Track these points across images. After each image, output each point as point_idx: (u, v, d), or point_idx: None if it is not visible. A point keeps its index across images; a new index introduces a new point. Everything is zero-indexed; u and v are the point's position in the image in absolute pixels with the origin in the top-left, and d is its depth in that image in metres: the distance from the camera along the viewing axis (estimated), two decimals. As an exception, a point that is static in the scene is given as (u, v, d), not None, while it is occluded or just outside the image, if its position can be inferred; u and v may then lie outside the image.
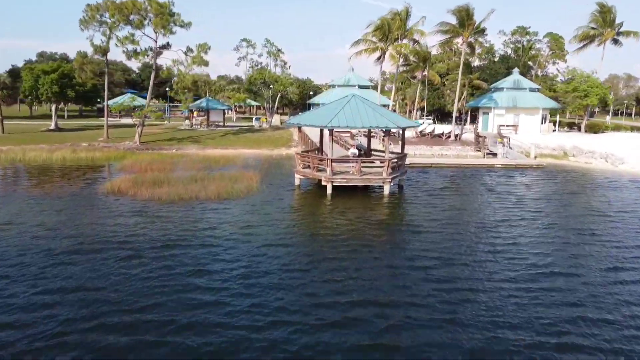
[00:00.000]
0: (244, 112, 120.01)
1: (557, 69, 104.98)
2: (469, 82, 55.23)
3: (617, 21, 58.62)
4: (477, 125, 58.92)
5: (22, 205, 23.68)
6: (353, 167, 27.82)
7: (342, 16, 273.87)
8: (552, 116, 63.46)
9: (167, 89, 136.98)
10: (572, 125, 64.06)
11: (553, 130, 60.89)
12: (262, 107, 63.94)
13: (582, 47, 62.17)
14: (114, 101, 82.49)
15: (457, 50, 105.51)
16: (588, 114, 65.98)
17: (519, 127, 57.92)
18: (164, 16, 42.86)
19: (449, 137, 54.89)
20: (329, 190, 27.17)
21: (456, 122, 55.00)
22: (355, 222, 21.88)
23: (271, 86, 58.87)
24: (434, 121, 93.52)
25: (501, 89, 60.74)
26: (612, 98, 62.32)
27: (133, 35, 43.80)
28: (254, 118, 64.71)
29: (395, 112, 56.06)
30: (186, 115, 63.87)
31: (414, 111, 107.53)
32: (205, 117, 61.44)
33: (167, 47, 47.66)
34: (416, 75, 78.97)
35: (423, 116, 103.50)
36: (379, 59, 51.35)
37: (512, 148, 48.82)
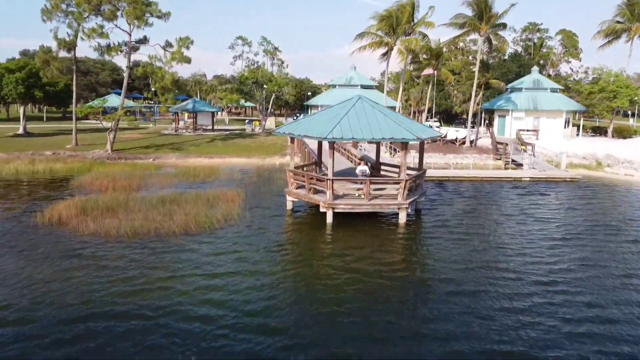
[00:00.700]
0: (239, 114, 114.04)
1: (571, 68, 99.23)
2: (484, 81, 49.38)
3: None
4: (493, 130, 53.02)
5: None
6: (360, 189, 21.89)
7: (340, 16, 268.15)
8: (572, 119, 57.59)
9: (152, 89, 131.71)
10: (597, 130, 58.11)
11: (576, 135, 54.96)
12: (257, 109, 57.93)
13: (606, 43, 56.28)
14: (96, 103, 76.65)
15: (464, 48, 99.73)
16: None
17: (539, 131, 52.05)
18: (138, 5, 36.94)
19: (463, 142, 48.98)
20: (329, 219, 21.24)
21: (471, 126, 49.08)
22: (364, 271, 15.96)
23: (264, 86, 53.01)
24: (440, 124, 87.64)
25: (519, 89, 54.86)
26: None
27: (102, 27, 37.85)
28: (246, 121, 58.75)
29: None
30: (175, 117, 57.95)
31: (420, 113, 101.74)
32: (192, 120, 55.44)
33: (144, 41, 41.76)
34: (420, 74, 73.20)
35: (429, 118, 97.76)
36: (384, 55, 45.48)
37: (536, 156, 42.93)
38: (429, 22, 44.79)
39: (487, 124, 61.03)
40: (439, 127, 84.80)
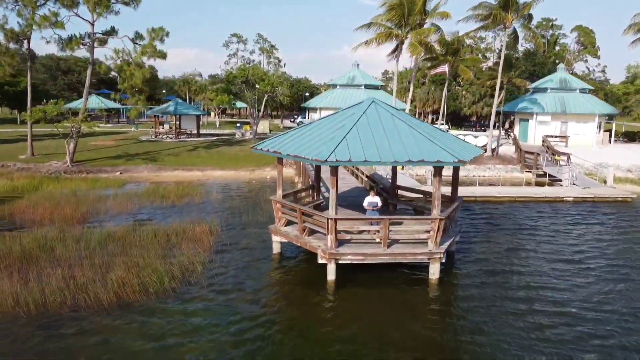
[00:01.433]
0: (233, 115, 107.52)
1: (588, 67, 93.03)
2: (507, 80, 43.10)
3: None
4: (517, 136, 46.67)
5: None
6: (375, 230, 15.55)
7: (340, 17, 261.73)
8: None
9: (151, 88, 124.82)
10: (631, 135, 51.70)
11: (609, 142, 48.61)
12: (248, 111, 51.57)
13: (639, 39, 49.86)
14: (75, 104, 70.21)
15: (473, 46, 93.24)
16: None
17: (569, 138, 45.70)
18: (99, -12, 30.56)
19: (483, 149, 42.51)
20: (330, 274, 14.89)
21: (498, 133, 42.77)
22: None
23: (256, 86, 46.68)
24: (448, 127, 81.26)
25: (544, 89, 48.51)
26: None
27: (56, 14, 31.45)
28: (236, 126, 52.30)
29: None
30: (155, 121, 51.37)
31: (426, 115, 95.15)
32: (174, 124, 48.96)
33: (112, 33, 35.34)
34: (429, 72, 67.03)
35: (436, 121, 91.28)
36: (394, 51, 39.11)
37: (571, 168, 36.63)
38: (444, 13, 38.45)
39: (507, 129, 54.68)
40: (447, 131, 78.59)
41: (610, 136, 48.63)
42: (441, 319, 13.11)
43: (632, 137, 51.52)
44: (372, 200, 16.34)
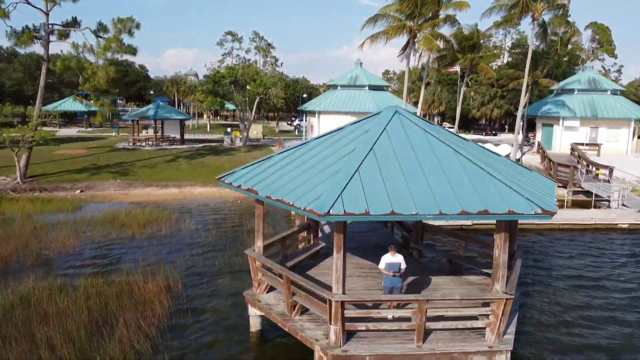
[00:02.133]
0: (227, 117, 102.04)
1: (603, 66, 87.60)
2: (532, 80, 37.80)
3: None
4: (540, 144, 41.30)
5: None
6: (403, 318, 10.09)
7: (339, 17, 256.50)
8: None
9: (141, 90, 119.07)
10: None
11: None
12: (237, 115, 46.14)
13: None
14: (52, 107, 64.76)
15: (482, 44, 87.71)
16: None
17: (601, 146, 40.34)
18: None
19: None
20: (334, 386, 9.46)
21: (521, 139, 37.44)
22: None
23: (247, 87, 41.31)
24: (456, 130, 75.84)
25: (570, 90, 43.14)
26: None
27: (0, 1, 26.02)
28: (224, 132, 46.83)
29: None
30: (133, 127, 45.71)
31: (432, 117, 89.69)
32: (156, 130, 43.40)
33: (74, 25, 29.88)
34: (443, 69, 61.74)
35: (443, 124, 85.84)
36: (405, 47, 33.64)
37: (611, 183, 31.29)
38: (462, 2, 33.06)
39: (527, 135, 49.25)
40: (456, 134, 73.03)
41: (644, 143, 43.28)
42: None
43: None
44: (393, 261, 10.85)
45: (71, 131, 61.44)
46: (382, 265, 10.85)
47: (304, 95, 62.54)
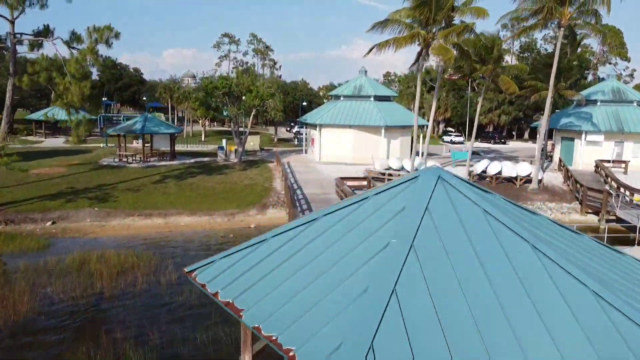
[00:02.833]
0: (224, 123, 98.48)
1: (615, 70, 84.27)
2: (555, 91, 34.49)
3: None
4: (562, 161, 37.92)
5: None
6: None
7: (338, 17, 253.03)
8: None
9: (135, 94, 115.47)
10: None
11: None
12: (232, 129, 42.64)
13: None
14: (38, 115, 61.10)
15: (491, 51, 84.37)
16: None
17: (628, 163, 37.01)
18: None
19: (527, 180, 33.97)
20: None
21: (544, 152, 34.10)
22: None
23: (243, 97, 37.91)
24: (463, 138, 72.46)
25: (593, 101, 39.81)
26: None
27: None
28: (218, 146, 43.39)
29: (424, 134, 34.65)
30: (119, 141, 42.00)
31: (437, 124, 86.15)
32: (144, 145, 39.83)
33: (47, 34, 26.46)
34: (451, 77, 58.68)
35: (449, 131, 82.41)
36: (418, 57, 30.25)
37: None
38: (480, 9, 29.69)
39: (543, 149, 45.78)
40: (463, 143, 69.74)
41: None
42: None
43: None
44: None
45: (58, 141, 57.99)
46: None
47: (304, 103, 59.11)
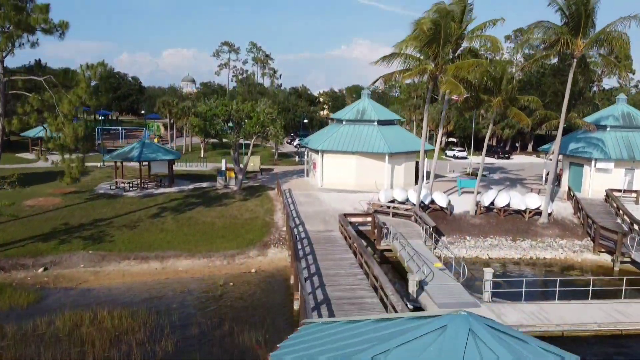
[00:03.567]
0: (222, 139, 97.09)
1: (620, 83, 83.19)
2: (566, 120, 33.33)
3: None
4: (571, 190, 36.85)
5: None
6: None
7: (337, 17, 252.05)
8: None
9: (134, 104, 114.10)
10: None
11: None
12: (231, 156, 41.21)
13: None
14: (34, 133, 59.59)
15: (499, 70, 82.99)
16: None
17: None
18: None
19: (536, 213, 32.95)
20: None
21: (553, 185, 32.98)
22: None
23: (243, 123, 36.81)
24: (466, 153, 71.35)
25: (603, 127, 38.73)
26: None
27: None
28: (217, 172, 42.33)
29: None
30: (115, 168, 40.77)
31: (438, 137, 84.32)
32: (141, 174, 38.54)
33: (38, 71, 25.53)
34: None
35: (452, 144, 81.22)
36: (426, 90, 29.29)
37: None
38: (493, 40, 28.63)
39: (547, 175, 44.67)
40: (466, 158, 68.58)
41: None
42: None
43: None
44: None
45: (56, 158, 56.82)
46: None
47: (305, 121, 58.07)
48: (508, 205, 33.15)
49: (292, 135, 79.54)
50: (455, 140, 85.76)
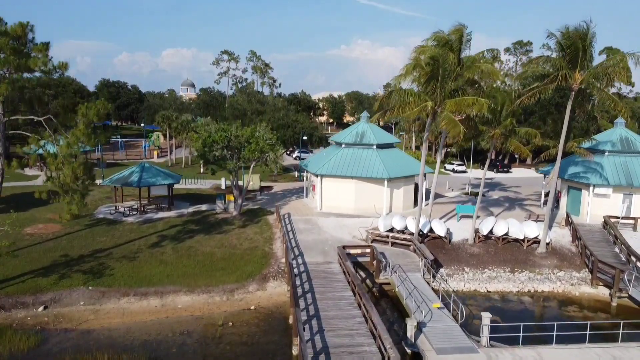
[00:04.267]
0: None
1: (620, 94, 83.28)
2: (565, 150, 33.45)
3: None
4: (569, 216, 36.94)
5: None
6: None
7: (335, 16, 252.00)
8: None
9: (134, 113, 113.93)
10: None
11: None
12: (231, 182, 41.05)
13: None
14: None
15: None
16: None
17: (638, 220, 36.05)
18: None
19: (534, 242, 33.08)
20: None
21: (551, 212, 33.07)
22: None
23: (242, 149, 36.85)
24: (464, 166, 71.42)
25: (601, 152, 38.83)
26: None
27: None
28: (216, 194, 42.42)
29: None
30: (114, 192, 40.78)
31: (437, 162, 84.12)
32: (140, 199, 38.57)
33: (37, 110, 25.47)
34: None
35: (450, 158, 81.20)
36: (425, 123, 29.42)
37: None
38: (491, 69, 28.73)
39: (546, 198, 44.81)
40: (465, 172, 68.60)
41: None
42: None
43: None
44: None
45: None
46: None
47: (304, 137, 58.18)
48: (506, 234, 33.27)
49: (292, 149, 79.38)
50: (454, 150, 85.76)
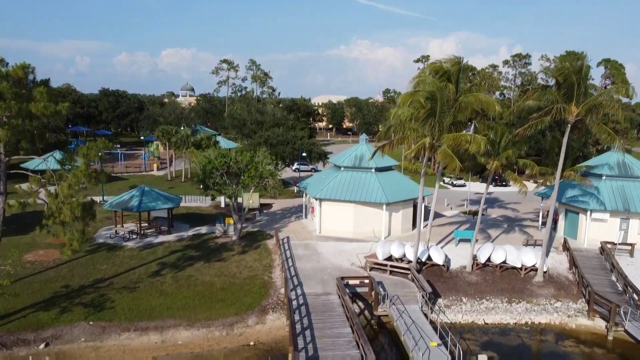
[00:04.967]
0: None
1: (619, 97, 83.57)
2: (562, 177, 33.71)
3: None
4: (567, 242, 37.16)
5: None
6: None
7: (334, 16, 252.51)
8: None
9: (133, 122, 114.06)
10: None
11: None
12: (230, 206, 41.15)
13: None
14: (35, 165, 59.55)
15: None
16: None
17: (634, 246, 36.30)
18: None
19: (532, 269, 33.35)
20: None
21: (548, 242, 33.32)
22: None
23: (242, 176, 37.06)
24: (463, 179, 71.58)
25: (598, 176, 39.06)
26: None
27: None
28: (216, 220, 42.61)
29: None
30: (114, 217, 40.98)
31: (436, 185, 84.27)
32: (140, 222, 38.81)
33: (39, 149, 25.70)
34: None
35: (449, 173, 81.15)
36: (420, 158, 29.59)
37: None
38: (490, 103, 28.94)
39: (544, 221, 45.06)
40: (464, 186, 68.77)
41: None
42: None
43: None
44: None
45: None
46: None
47: (304, 154, 58.36)
48: (504, 261, 33.52)
49: (290, 162, 79.28)
50: (460, 177, 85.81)
